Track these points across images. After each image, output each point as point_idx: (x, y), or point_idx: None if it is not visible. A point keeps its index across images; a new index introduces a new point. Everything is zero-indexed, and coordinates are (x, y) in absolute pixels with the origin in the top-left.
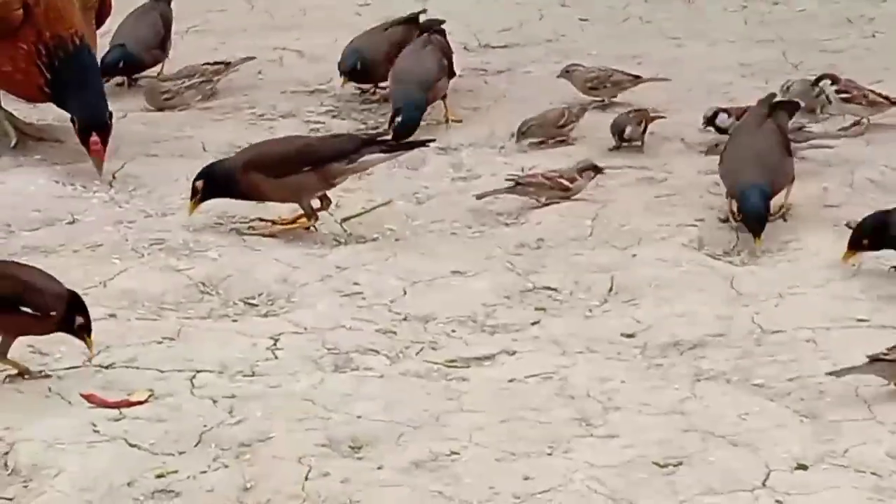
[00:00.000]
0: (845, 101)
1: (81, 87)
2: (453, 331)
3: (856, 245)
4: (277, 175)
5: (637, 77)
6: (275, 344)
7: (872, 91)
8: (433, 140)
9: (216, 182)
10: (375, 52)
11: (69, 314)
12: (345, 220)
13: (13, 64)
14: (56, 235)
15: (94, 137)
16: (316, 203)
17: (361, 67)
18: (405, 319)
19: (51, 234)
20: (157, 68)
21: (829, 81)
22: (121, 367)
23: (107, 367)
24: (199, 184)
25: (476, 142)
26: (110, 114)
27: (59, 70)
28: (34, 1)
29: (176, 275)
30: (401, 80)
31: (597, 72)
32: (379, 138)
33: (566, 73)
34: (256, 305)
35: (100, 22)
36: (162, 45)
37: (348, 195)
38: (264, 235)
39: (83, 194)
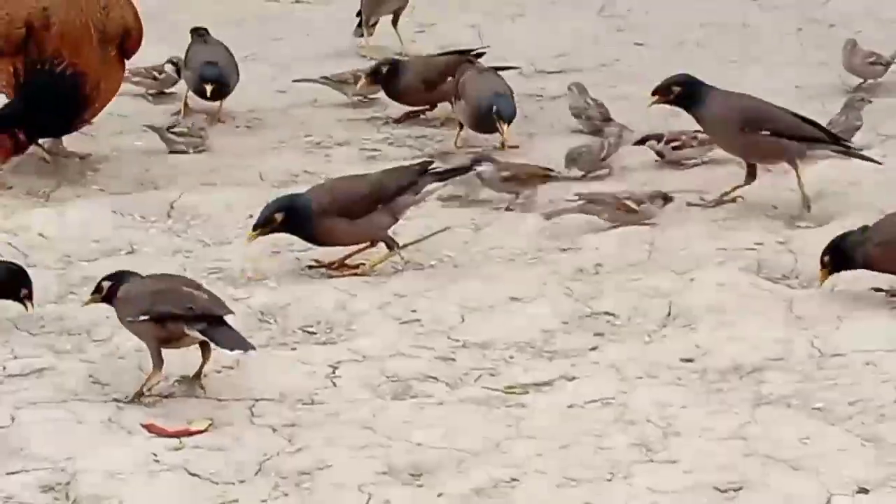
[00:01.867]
0: (676, 149)
1: (22, 96)
2: (512, 357)
3: (822, 265)
4: (354, 216)
5: None
6: (334, 372)
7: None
8: (482, 167)
9: (297, 218)
10: (419, 68)
11: None
12: (403, 247)
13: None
14: (115, 266)
15: None
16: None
17: (387, 72)
18: (464, 346)
19: (110, 264)
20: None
21: (654, 142)
22: (181, 397)
23: (166, 397)
24: (280, 216)
25: None
26: (15, 130)
27: (27, 83)
28: (41, 23)
29: (234, 304)
30: (483, 91)
31: None
32: (429, 168)
33: None
34: (315, 333)
35: (128, 54)
36: (237, 70)
37: (406, 222)
38: (356, 275)
39: (142, 224)
